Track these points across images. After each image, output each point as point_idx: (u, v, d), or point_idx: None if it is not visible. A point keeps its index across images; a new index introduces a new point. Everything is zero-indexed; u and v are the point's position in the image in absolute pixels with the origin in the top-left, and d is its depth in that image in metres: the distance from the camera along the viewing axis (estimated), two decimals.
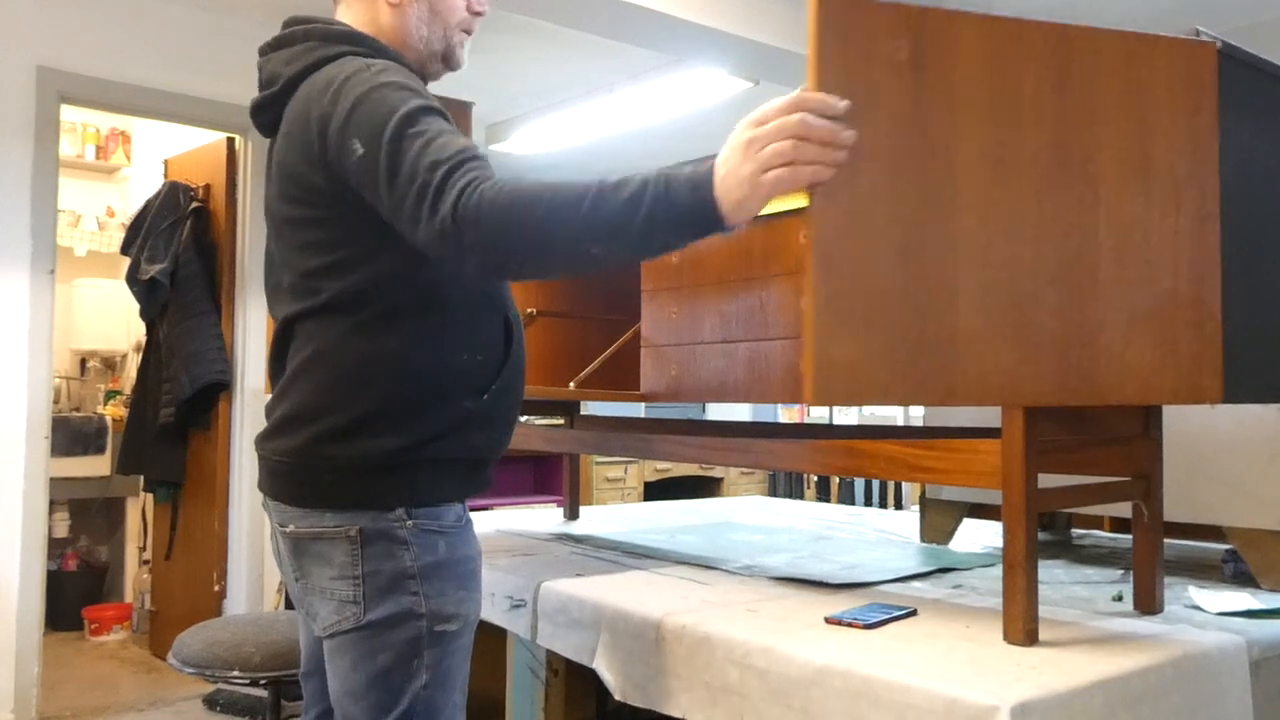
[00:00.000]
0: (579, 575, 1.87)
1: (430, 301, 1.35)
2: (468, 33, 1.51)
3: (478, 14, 1.51)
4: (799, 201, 1.18)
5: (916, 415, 5.00)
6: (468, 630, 1.39)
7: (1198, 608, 1.59)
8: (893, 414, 5.54)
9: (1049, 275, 1.17)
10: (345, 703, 1.34)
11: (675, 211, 1.14)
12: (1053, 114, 1.18)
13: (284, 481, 1.38)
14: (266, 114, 1.44)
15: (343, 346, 1.34)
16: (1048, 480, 1.40)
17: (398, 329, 1.34)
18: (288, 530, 1.38)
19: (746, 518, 2.82)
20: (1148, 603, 1.54)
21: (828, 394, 1.15)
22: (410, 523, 1.33)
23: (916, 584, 1.80)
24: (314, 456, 1.34)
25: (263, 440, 1.41)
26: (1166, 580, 1.65)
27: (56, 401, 5.04)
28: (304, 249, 1.36)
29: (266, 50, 1.46)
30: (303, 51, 1.40)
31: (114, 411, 5.24)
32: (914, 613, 1.54)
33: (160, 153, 5.00)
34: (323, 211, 1.34)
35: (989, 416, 1.43)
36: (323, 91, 1.33)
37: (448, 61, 1.51)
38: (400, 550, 1.33)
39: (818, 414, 6.38)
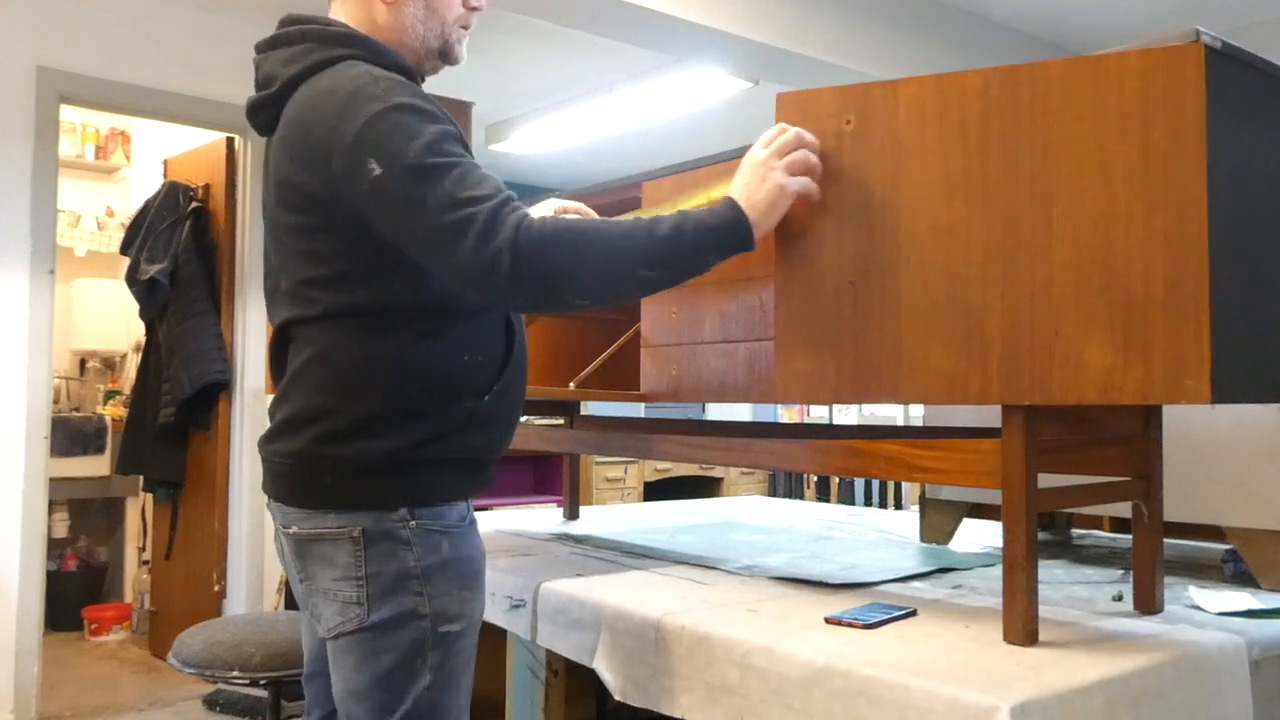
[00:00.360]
0: (579, 575, 1.87)
1: (430, 305, 1.34)
2: (465, 28, 1.50)
3: (474, 9, 1.50)
4: None
5: (916, 415, 5.00)
6: (472, 631, 1.39)
7: (1198, 608, 1.59)
8: (893, 414, 5.54)
9: (998, 289, 1.30)
10: (348, 703, 1.34)
11: (713, 231, 1.34)
12: (1000, 145, 1.31)
13: (286, 483, 1.37)
14: (263, 114, 1.43)
15: (342, 349, 1.34)
16: (1048, 480, 1.40)
17: (398, 332, 1.33)
18: (291, 532, 1.37)
19: (746, 518, 2.81)
20: (1148, 603, 1.54)
21: (788, 395, 1.45)
22: (413, 523, 1.33)
23: (916, 584, 1.80)
24: (315, 458, 1.33)
25: (265, 442, 1.41)
26: (1166, 580, 1.65)
27: (56, 401, 5.04)
28: (300, 256, 1.36)
29: (263, 48, 1.44)
30: (301, 53, 1.39)
31: (113, 411, 5.24)
32: (914, 613, 1.54)
33: (160, 153, 5.00)
34: (320, 221, 1.32)
35: (989, 416, 1.43)
36: (324, 100, 1.31)
37: (446, 57, 1.50)
38: (403, 551, 1.32)
39: (818, 414, 6.39)
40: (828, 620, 1.48)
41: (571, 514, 2.76)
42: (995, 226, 1.30)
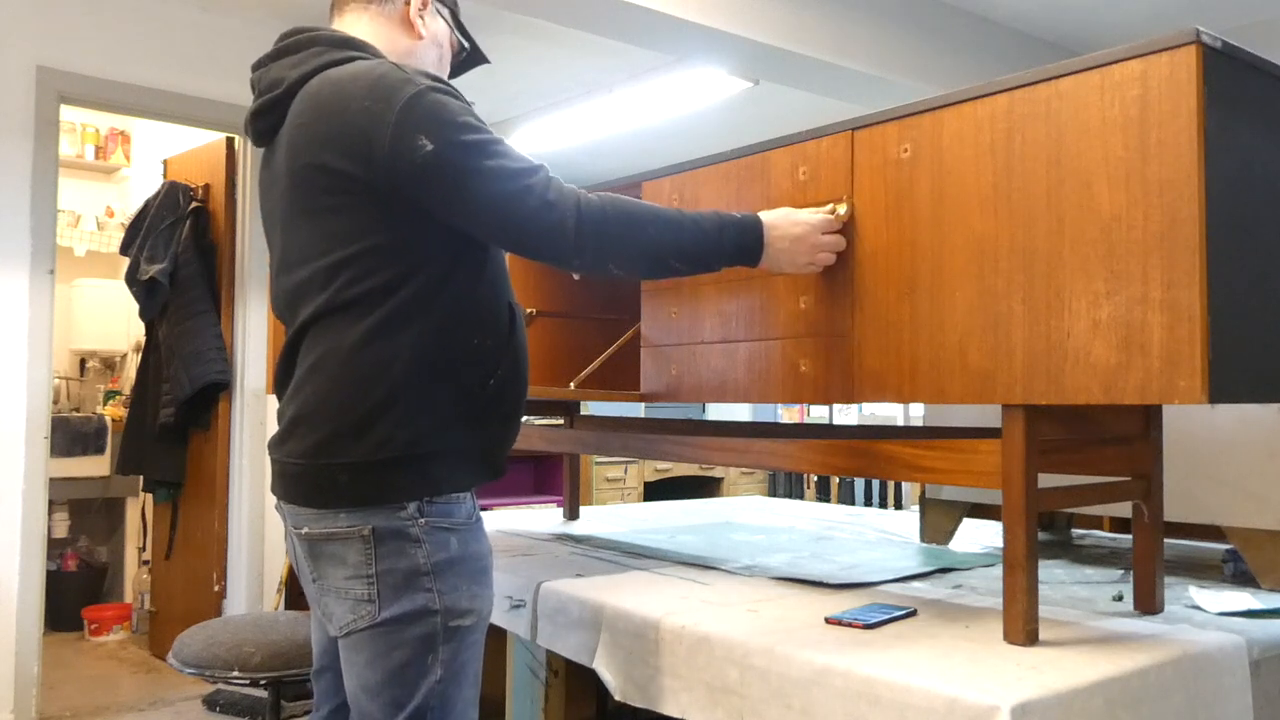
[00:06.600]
0: (579, 575, 1.87)
1: (439, 291, 1.36)
2: None
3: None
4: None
5: (916, 415, 5.00)
6: (481, 626, 1.40)
7: (1198, 608, 1.59)
8: (893, 414, 5.53)
9: (1021, 296, 1.37)
10: (362, 699, 1.36)
11: (734, 258, 1.52)
12: (1021, 160, 1.38)
13: (298, 484, 1.38)
14: (267, 119, 1.44)
15: (351, 345, 1.34)
16: (1048, 480, 1.40)
17: (406, 324, 1.34)
18: (303, 533, 1.38)
19: (746, 518, 2.82)
20: (1148, 603, 1.54)
21: (863, 395, 1.59)
22: (423, 520, 1.34)
23: (916, 584, 1.80)
24: (327, 457, 1.34)
25: (276, 444, 1.41)
26: (1166, 580, 1.65)
27: (56, 402, 5.04)
28: (327, 239, 1.36)
29: (266, 61, 1.47)
30: (309, 56, 1.42)
31: (113, 411, 5.24)
32: (914, 613, 1.54)
33: (160, 153, 5.00)
34: (354, 199, 1.34)
35: (989, 416, 1.44)
36: (348, 85, 1.34)
37: None
38: (413, 548, 1.33)
39: (818, 414, 6.39)
40: (828, 620, 1.48)
41: (571, 514, 2.76)
42: (1017, 236, 1.37)
